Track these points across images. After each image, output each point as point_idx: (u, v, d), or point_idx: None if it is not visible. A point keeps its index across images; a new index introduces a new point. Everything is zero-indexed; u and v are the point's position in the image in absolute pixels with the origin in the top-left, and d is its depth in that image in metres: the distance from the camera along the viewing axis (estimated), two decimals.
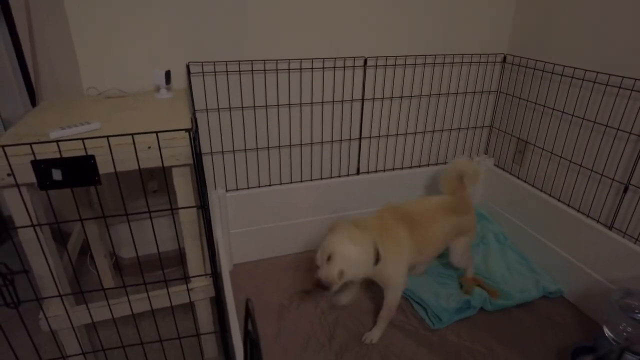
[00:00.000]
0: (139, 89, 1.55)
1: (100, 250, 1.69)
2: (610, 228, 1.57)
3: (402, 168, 2.05)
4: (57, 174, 0.90)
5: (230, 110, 1.66)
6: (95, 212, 1.63)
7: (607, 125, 1.56)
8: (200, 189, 1.02)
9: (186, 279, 1.27)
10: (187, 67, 1.54)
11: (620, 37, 1.48)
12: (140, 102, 1.41)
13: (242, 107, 1.67)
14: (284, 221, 1.84)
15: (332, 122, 1.83)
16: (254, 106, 1.68)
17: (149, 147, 1.05)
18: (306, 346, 1.47)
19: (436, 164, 2.10)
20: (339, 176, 1.94)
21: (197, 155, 0.92)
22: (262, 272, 1.82)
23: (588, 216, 1.64)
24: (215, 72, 1.58)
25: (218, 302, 1.27)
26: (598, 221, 1.61)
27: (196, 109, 1.62)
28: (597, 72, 1.56)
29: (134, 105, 1.37)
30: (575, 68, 1.64)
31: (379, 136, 1.94)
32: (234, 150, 1.73)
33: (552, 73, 1.75)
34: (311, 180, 1.90)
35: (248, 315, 0.41)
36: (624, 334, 1.28)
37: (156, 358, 1.49)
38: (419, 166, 2.07)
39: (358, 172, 1.98)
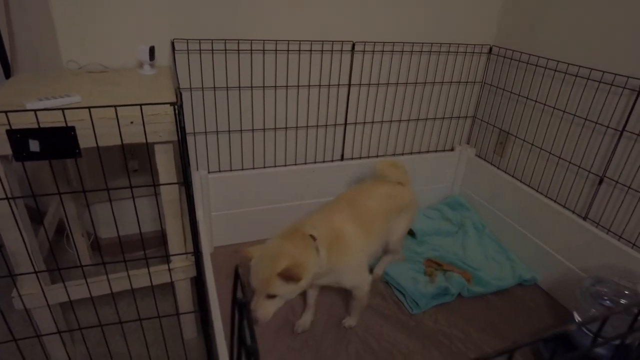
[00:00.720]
0: (122, 64, 1.50)
1: (77, 229, 1.65)
2: (585, 218, 1.61)
3: (385, 155, 2.06)
4: (34, 145, 0.87)
5: (214, 90, 1.63)
6: (73, 190, 1.59)
7: (586, 119, 1.59)
8: (184, 165, 1.01)
9: (167, 257, 1.25)
10: (172, 43, 1.51)
11: (604, 33, 1.51)
12: (122, 78, 1.37)
13: (227, 88, 1.65)
14: (267, 205, 1.84)
15: (317, 106, 1.82)
16: (239, 87, 1.66)
17: (132, 122, 1.03)
18: (286, 330, 1.48)
19: (419, 152, 2.12)
20: (323, 161, 1.94)
21: (181, 129, 0.90)
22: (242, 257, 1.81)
23: (564, 207, 1.68)
24: (200, 50, 1.55)
25: (199, 283, 1.26)
26: (573, 212, 1.65)
27: (180, 87, 1.58)
28: (580, 66, 1.59)
29: (116, 81, 1.33)
30: (558, 61, 1.67)
31: (364, 122, 1.94)
32: (217, 132, 1.71)
33: (537, 65, 1.77)
34: (295, 164, 1.90)
35: (237, 280, 0.40)
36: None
37: (134, 338, 1.47)
38: (402, 154, 2.08)
39: (342, 158, 1.98)
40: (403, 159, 2.04)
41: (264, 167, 1.84)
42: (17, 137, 0.86)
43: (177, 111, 0.89)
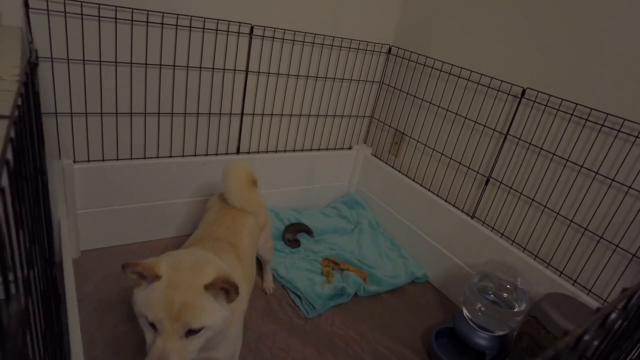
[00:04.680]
0: None
1: None
2: (472, 217, 1.69)
3: (285, 151, 1.95)
4: None
5: (84, 64, 1.37)
6: None
7: (475, 122, 1.67)
8: (38, 149, 0.78)
9: None
10: None
11: (494, 40, 1.59)
12: None
13: (100, 62, 1.39)
14: (147, 202, 1.60)
15: (210, 92, 1.64)
16: (116, 62, 1.41)
17: None
18: None
19: (318, 149, 2.05)
20: (217, 154, 1.76)
21: (34, 93, 0.68)
22: (115, 260, 1.56)
23: (454, 205, 1.75)
24: (65, 13, 1.28)
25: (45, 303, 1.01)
26: (462, 210, 1.72)
27: (38, 56, 1.29)
28: (471, 71, 1.66)
29: None
30: (452, 65, 1.73)
31: (263, 114, 1.81)
32: (86, 113, 1.43)
33: (432, 68, 1.82)
34: (183, 156, 1.69)
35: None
36: (479, 313, 1.38)
37: None
38: (302, 150, 2.00)
39: (238, 152, 1.82)
40: (304, 156, 1.95)
41: (145, 158, 1.60)
42: None
43: (29, 71, 0.66)
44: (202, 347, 0.79)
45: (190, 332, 0.76)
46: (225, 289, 0.78)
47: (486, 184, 1.64)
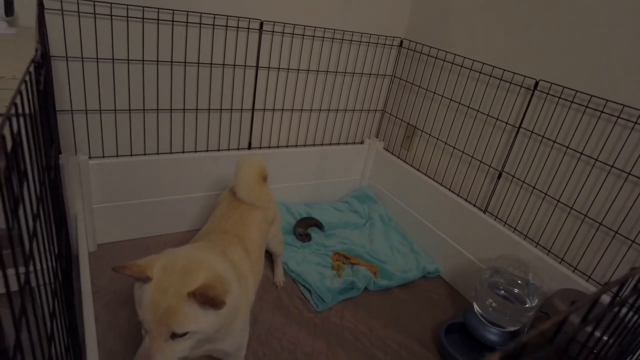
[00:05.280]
0: None
1: None
2: (485, 211, 1.67)
3: (296, 146, 1.96)
4: None
5: (97, 62, 1.40)
6: None
7: (488, 115, 1.64)
8: (44, 146, 0.80)
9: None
10: None
11: (506, 32, 1.56)
12: None
13: (113, 60, 1.42)
14: (160, 197, 1.64)
15: (221, 88, 1.66)
16: (128, 59, 1.44)
17: None
18: None
19: (330, 144, 2.06)
20: (228, 149, 1.79)
21: (39, 92, 0.70)
22: (130, 254, 1.60)
23: (466, 200, 1.73)
24: (79, 12, 1.31)
25: (67, 292, 1.05)
26: (474, 205, 1.70)
27: (52, 55, 1.33)
28: (483, 63, 1.63)
29: None
30: (464, 57, 1.70)
31: (274, 109, 1.82)
32: (100, 110, 1.47)
33: (444, 61, 1.79)
34: (195, 151, 1.71)
35: None
36: (490, 308, 1.37)
37: None
38: (313, 145, 2.01)
39: (250, 147, 1.84)
40: (315, 151, 1.96)
41: (158, 154, 1.63)
42: None
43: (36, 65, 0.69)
44: (194, 346, 0.80)
45: (175, 335, 0.76)
46: (208, 297, 0.75)
47: (498, 178, 1.62)
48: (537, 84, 1.46)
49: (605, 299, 1.23)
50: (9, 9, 1.13)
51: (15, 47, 1.07)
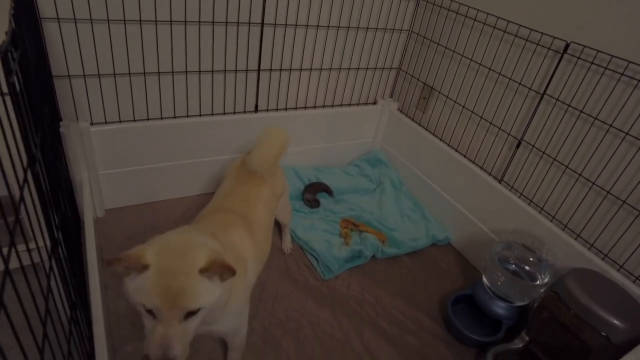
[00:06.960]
0: None
1: None
2: (500, 181, 1.60)
3: (305, 107, 1.88)
4: None
5: (91, 23, 1.32)
6: None
7: (510, 78, 1.52)
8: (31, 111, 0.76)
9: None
10: None
11: None
12: None
13: (108, 20, 1.33)
14: (166, 162, 1.61)
15: (225, 47, 1.56)
16: (124, 20, 1.35)
17: None
18: None
19: (341, 105, 1.96)
20: (234, 113, 1.72)
21: (38, 49, 0.64)
22: (138, 219, 1.60)
23: (482, 168, 1.65)
24: None
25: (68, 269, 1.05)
26: (490, 174, 1.63)
27: (42, 16, 1.25)
28: (509, 21, 1.49)
29: None
30: (488, 14, 1.56)
31: (281, 69, 1.72)
32: (99, 75, 1.41)
33: (466, 16, 1.65)
34: (199, 115, 1.66)
35: None
36: (498, 282, 1.34)
37: None
38: (323, 106, 1.92)
39: (256, 110, 1.77)
40: (323, 112, 1.88)
41: (162, 119, 1.58)
42: None
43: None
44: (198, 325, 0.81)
45: (189, 314, 0.76)
46: (220, 268, 0.77)
47: (517, 147, 1.53)
48: (567, 46, 1.32)
49: (632, 287, 1.19)
50: None
51: None
